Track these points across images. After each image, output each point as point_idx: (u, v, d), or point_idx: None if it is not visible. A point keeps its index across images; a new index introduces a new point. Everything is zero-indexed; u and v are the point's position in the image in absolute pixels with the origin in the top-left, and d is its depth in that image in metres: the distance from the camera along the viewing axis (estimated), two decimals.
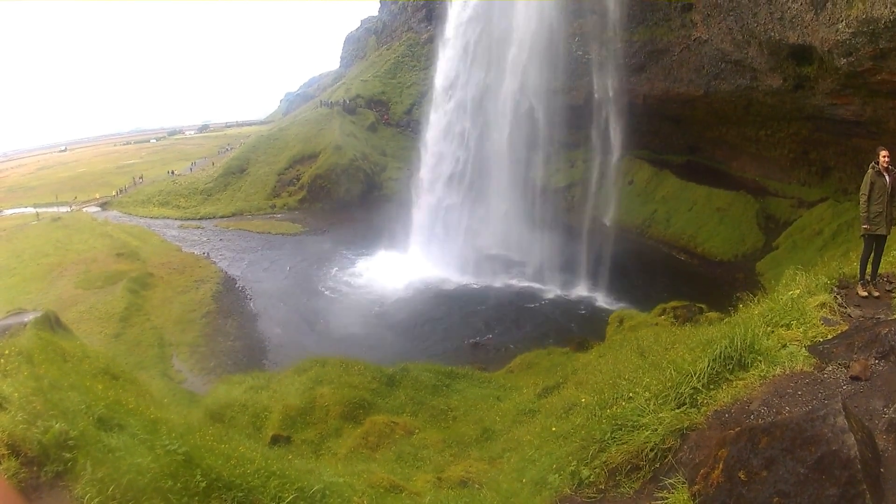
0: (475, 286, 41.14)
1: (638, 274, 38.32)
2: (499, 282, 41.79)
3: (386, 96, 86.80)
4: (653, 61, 46.65)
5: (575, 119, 47.14)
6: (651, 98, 48.74)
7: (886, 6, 23.32)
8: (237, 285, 41.62)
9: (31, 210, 68.05)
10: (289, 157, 70.32)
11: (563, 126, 48.60)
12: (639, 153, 55.17)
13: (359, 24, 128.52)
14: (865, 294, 9.34)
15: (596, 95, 43.84)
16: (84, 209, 66.72)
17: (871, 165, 9.72)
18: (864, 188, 9.74)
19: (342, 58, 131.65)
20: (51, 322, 18.06)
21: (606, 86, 42.90)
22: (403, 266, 44.27)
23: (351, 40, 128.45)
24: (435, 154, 50.90)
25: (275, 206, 64.52)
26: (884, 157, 9.55)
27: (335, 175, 65.22)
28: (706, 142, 51.88)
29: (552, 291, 39.31)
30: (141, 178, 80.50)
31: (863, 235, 9.95)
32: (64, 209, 66.44)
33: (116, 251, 44.55)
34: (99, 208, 67.72)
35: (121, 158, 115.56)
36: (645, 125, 52.39)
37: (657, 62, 46.34)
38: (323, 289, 41.25)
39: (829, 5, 27.56)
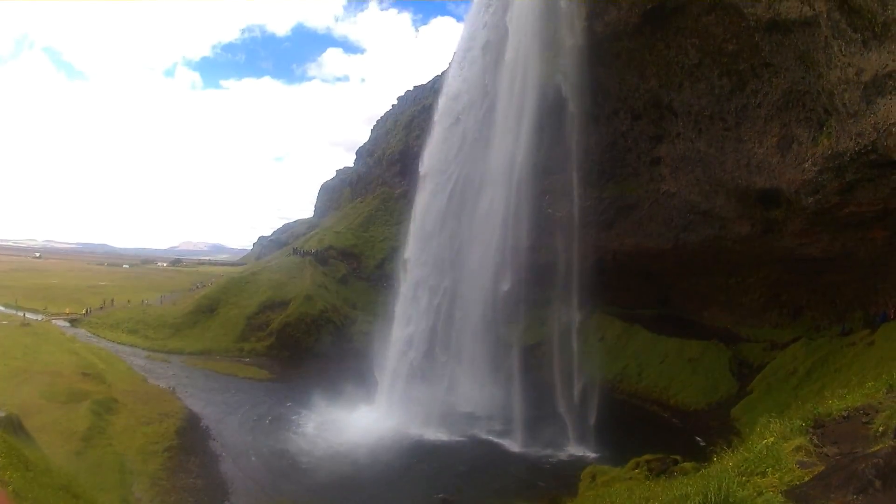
0: (444, 441, 40.24)
1: (610, 428, 38.07)
2: (468, 437, 40.95)
3: (358, 249, 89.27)
4: (622, 217, 47.99)
5: (545, 276, 48.09)
6: (621, 254, 50.09)
7: (851, 138, 23.93)
8: (201, 424, 40.23)
9: (2, 310, 68.54)
10: (259, 302, 70.52)
11: (533, 284, 49.75)
12: (609, 309, 56.24)
13: (334, 174, 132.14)
14: None
15: (565, 253, 44.18)
16: (53, 321, 65.70)
17: None
18: None
19: (316, 207, 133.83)
20: (14, 426, 17.67)
21: (576, 243, 43.20)
22: (372, 419, 43.26)
23: (326, 190, 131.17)
24: (406, 309, 51.07)
25: (243, 350, 63.74)
26: None
27: (305, 325, 65.86)
28: (677, 293, 53.02)
29: (523, 448, 38.46)
30: (112, 301, 79.66)
31: None
32: (22, 315, 65.09)
33: (82, 370, 43.66)
34: (68, 324, 66.46)
35: (93, 278, 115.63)
36: (615, 281, 53.58)
37: (626, 217, 47.65)
38: (288, 438, 39.96)
39: (794, 146, 28.62)
